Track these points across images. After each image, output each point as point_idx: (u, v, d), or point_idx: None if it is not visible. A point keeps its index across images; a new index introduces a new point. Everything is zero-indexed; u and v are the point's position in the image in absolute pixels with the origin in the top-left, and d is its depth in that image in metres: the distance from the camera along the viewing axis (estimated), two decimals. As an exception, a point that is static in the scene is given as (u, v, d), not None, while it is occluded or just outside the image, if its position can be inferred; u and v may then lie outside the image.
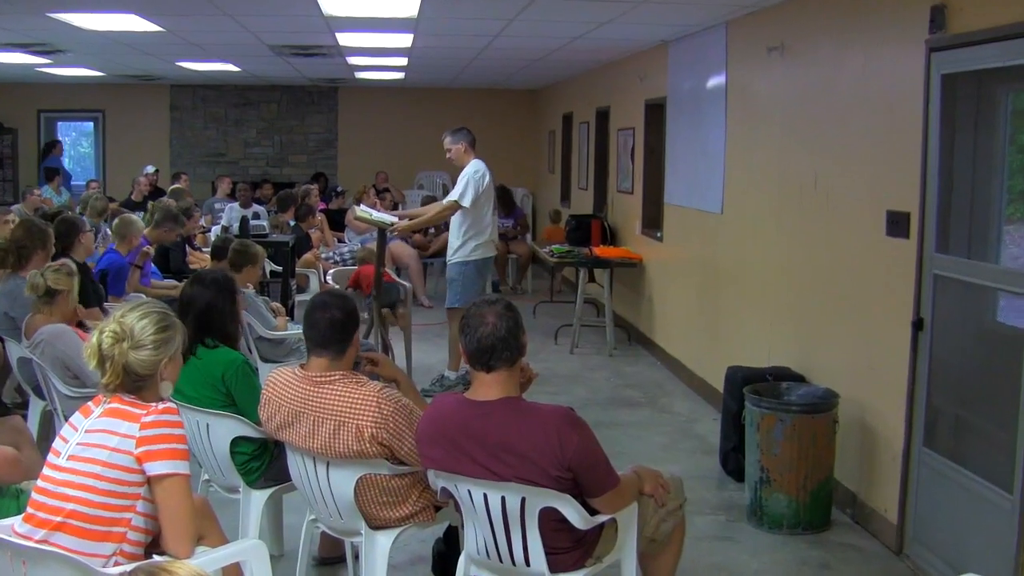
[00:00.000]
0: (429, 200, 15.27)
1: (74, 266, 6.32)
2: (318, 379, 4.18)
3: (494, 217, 9.15)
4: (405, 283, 10.13)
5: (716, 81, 8.68)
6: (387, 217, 8.86)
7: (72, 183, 17.14)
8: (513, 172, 18.47)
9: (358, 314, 4.38)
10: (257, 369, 5.24)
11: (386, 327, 9.00)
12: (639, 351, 10.91)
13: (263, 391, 4.39)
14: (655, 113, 10.68)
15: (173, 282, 9.27)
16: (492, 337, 3.74)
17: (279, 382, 4.31)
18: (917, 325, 5.41)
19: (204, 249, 11.05)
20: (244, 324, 6.61)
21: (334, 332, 4.21)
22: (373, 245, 9.55)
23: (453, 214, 8.74)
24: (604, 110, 13.07)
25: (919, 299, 5.42)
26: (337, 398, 4.11)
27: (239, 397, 4.83)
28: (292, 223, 12.20)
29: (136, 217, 9.32)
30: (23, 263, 6.87)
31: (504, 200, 14.99)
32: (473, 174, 8.65)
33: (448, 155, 8.90)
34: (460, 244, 8.80)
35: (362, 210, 8.81)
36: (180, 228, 9.84)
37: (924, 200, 5.33)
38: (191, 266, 10.26)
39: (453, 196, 8.72)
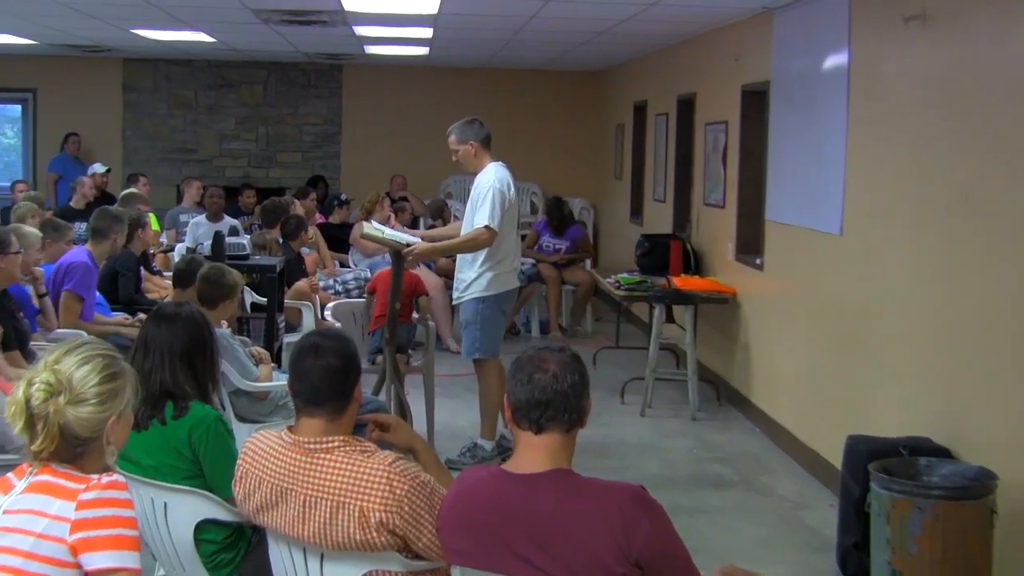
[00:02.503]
0: (439, 207, 15.33)
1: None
2: (311, 446, 4.18)
3: (518, 239, 9.15)
4: (427, 321, 10.13)
5: (836, 61, 8.66)
6: (403, 236, 8.88)
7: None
8: (569, 179, 18.54)
9: (359, 358, 4.38)
10: (232, 431, 5.24)
11: (401, 379, 9.01)
12: (731, 414, 10.86)
13: (239, 461, 4.39)
14: (754, 103, 10.67)
15: (123, 316, 9.31)
16: (551, 389, 3.74)
17: (260, 450, 4.31)
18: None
19: (166, 273, 11.12)
20: (221, 374, 6.61)
21: (330, 385, 4.21)
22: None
23: (489, 244, 8.71)
24: (688, 98, 13.07)
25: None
26: (336, 472, 4.10)
27: (210, 466, 4.84)
28: (280, 241, 12.24)
29: (30, 229, 9.02)
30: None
31: (557, 216, 15.01)
32: (499, 188, 8.64)
33: (454, 157, 8.94)
34: (475, 276, 8.80)
35: (372, 227, 8.84)
36: (121, 231, 9.82)
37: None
38: (148, 295, 10.32)
39: (482, 220, 8.66)
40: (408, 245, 8.64)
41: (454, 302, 9.15)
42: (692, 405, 10.70)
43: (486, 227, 8.61)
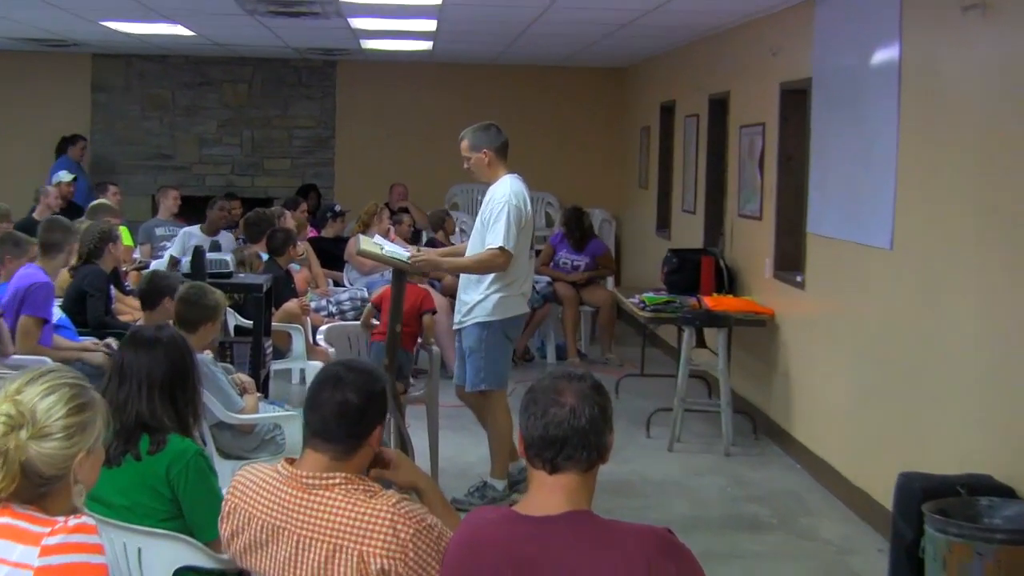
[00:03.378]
0: (440, 219, 15.32)
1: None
2: (310, 481, 4.18)
3: (532, 261, 9.13)
4: (430, 345, 10.13)
5: (885, 55, 8.66)
6: (403, 252, 8.85)
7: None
8: (589, 188, 18.51)
9: (386, 399, 4.37)
10: (215, 468, 5.25)
11: (403, 411, 9.00)
12: (768, 448, 10.85)
13: (228, 495, 4.40)
14: (794, 103, 10.68)
15: (91, 341, 9.31)
16: (567, 425, 3.72)
17: (252, 483, 4.32)
18: None
19: (139, 293, 11.12)
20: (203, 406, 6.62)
21: (342, 423, 4.22)
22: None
23: (504, 267, 8.69)
24: (721, 98, 13.08)
25: None
26: (335, 511, 4.11)
27: (190, 506, 4.84)
28: (266, 257, 12.24)
29: None
30: None
31: (578, 228, 14.99)
32: (516, 203, 8.60)
33: (466, 164, 8.90)
34: (480, 299, 8.76)
35: (370, 241, 8.82)
36: (74, 244, 9.81)
37: None
38: (119, 317, 10.32)
39: (496, 239, 8.58)
40: (409, 261, 8.62)
41: (455, 326, 9.07)
42: (726, 439, 10.68)
43: (500, 248, 8.53)
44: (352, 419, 4.23)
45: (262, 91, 19.33)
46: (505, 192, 8.64)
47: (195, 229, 13.85)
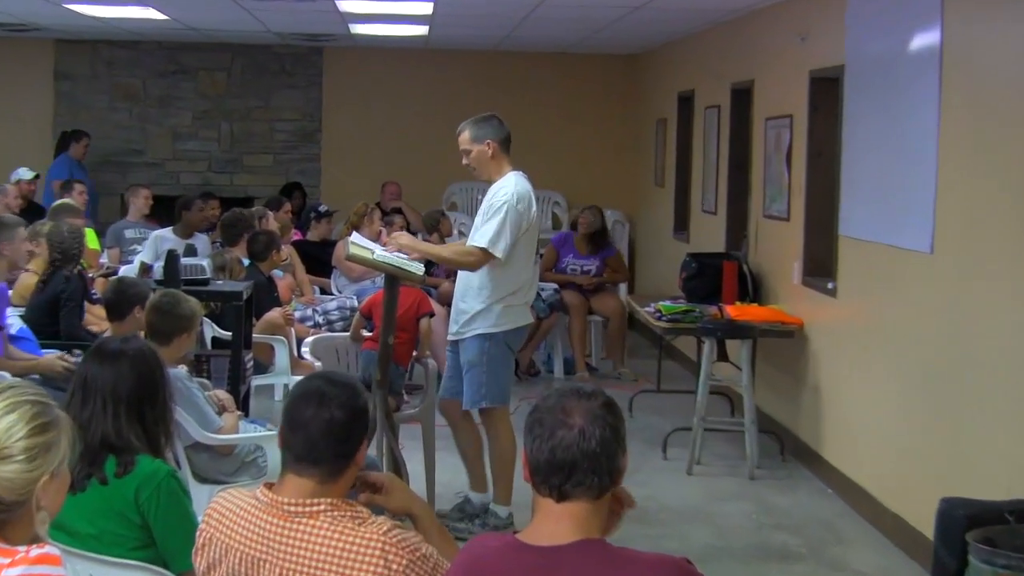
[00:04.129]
0: (435, 219, 15.28)
1: None
2: (293, 508, 4.18)
3: (537, 268, 9.12)
4: (426, 358, 10.13)
5: (925, 40, 8.67)
6: (392, 256, 8.81)
7: None
8: (600, 186, 18.51)
9: (369, 414, 4.38)
10: (189, 491, 5.25)
11: (395, 430, 9.00)
12: (797, 471, 10.86)
13: (203, 524, 4.40)
14: (825, 92, 10.70)
15: (53, 355, 9.28)
16: (575, 449, 3.70)
17: (229, 511, 4.31)
18: None
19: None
20: (175, 425, 6.64)
21: (331, 442, 4.22)
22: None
23: (478, 268, 8.72)
24: (744, 88, 13.10)
25: None
26: (320, 541, 4.11)
27: (162, 533, 4.85)
28: (246, 262, 12.22)
29: None
30: None
31: (599, 230, 14.97)
32: (516, 205, 8.59)
33: (465, 159, 8.88)
34: (482, 308, 8.74)
35: (358, 244, 8.80)
36: (14, 244, 9.82)
37: None
38: (88, 328, 10.31)
39: (481, 241, 8.59)
40: (410, 271, 8.60)
41: (451, 337, 9.04)
42: (750, 461, 10.69)
43: (483, 249, 8.55)
44: (340, 437, 4.23)
45: (242, 80, 19.35)
46: (508, 192, 8.61)
47: (168, 232, 13.87)
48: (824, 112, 10.74)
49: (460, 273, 9.01)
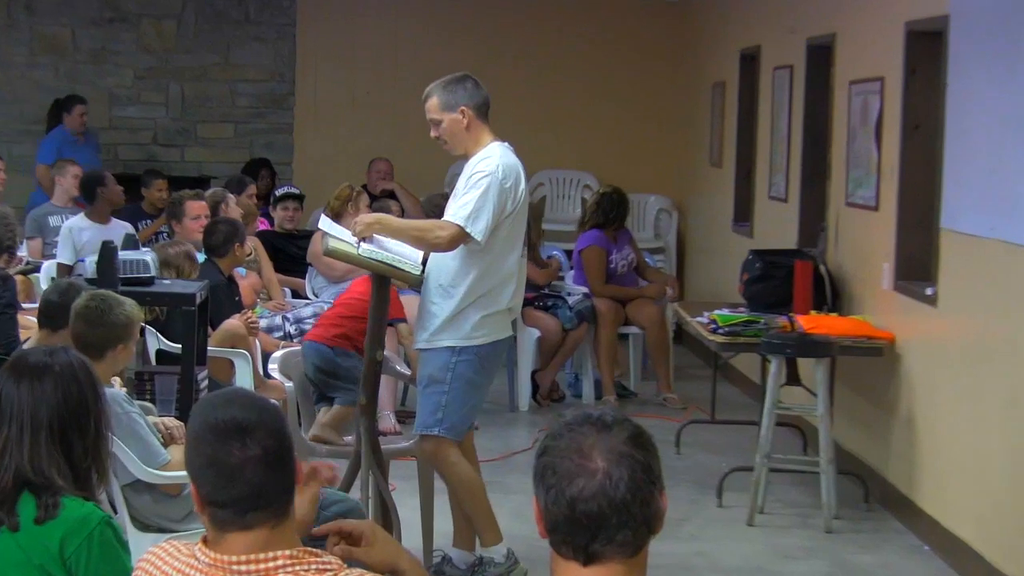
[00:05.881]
0: (436, 205, 15.21)
1: None
2: (245, 569, 4.14)
3: (522, 262, 9.09)
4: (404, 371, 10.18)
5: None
6: (380, 252, 8.79)
7: None
8: (640, 167, 18.53)
9: (288, 429, 4.29)
10: (127, 542, 5.25)
11: (384, 466, 9.01)
12: (886, 523, 10.88)
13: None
14: (925, 50, 10.72)
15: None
16: (601, 499, 3.65)
17: (163, 573, 4.28)
18: None
19: (27, 306, 11.10)
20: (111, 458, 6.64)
21: (274, 477, 4.14)
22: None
23: (449, 249, 8.69)
24: (823, 43, 13.14)
25: None
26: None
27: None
28: (202, 258, 12.23)
29: None
30: None
31: (618, 219, 14.95)
32: (500, 177, 8.57)
33: (434, 132, 8.87)
34: (452, 313, 8.69)
35: (338, 236, 8.79)
36: None
37: None
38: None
39: (456, 217, 8.57)
40: (404, 270, 8.61)
41: (416, 346, 9.04)
42: (827, 510, 10.68)
43: (459, 227, 8.51)
44: (279, 469, 4.13)
45: (196, 31, 19.44)
46: (493, 163, 8.61)
47: (80, 219, 13.88)
48: (923, 75, 10.75)
49: (431, 262, 8.86)
